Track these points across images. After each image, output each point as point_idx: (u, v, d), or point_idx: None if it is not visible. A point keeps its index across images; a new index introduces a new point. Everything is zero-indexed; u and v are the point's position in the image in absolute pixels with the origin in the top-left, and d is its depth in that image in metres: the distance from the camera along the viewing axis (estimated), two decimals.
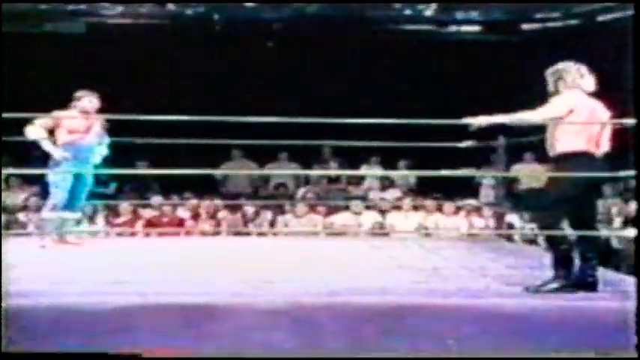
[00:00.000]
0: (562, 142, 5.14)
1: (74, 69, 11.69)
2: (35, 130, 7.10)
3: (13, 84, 6.94)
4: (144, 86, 11.68)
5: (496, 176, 10.00)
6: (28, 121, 6.99)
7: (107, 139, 7.54)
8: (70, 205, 7.35)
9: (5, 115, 5.32)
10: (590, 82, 5.23)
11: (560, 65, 5.27)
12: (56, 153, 7.17)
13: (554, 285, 5.11)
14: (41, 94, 6.95)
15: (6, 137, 6.78)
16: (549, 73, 5.32)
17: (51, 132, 7.27)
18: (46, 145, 7.17)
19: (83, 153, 7.33)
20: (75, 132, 7.30)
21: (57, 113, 7.32)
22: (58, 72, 11.07)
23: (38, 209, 8.65)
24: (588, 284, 5.14)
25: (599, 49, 10.73)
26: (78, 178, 7.34)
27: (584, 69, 5.24)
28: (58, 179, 7.26)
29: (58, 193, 7.27)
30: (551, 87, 5.30)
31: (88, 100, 7.34)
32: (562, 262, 5.16)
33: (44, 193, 7.98)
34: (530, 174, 10.79)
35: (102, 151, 7.53)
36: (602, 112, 5.26)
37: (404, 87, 11.91)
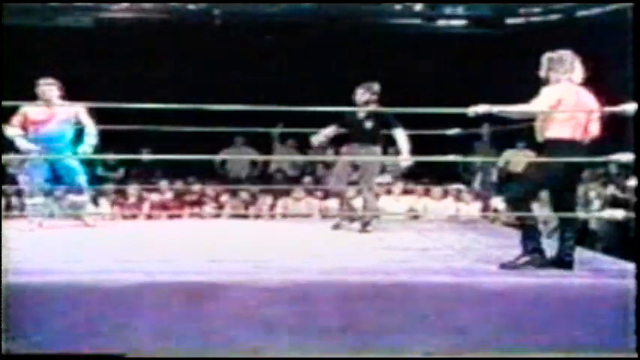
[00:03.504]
0: (549, 130, 5.20)
1: (83, 61, 11.70)
2: (10, 129, 7.15)
3: (25, 76, 6.89)
4: (148, 76, 11.68)
5: (483, 162, 10.02)
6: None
7: (92, 128, 7.33)
8: (68, 190, 7.49)
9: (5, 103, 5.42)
10: (579, 73, 5.27)
11: (556, 55, 5.30)
12: (22, 146, 7.17)
13: (525, 259, 5.19)
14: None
15: None
16: (545, 59, 5.33)
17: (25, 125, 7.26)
18: (17, 141, 7.17)
19: (45, 141, 7.20)
20: (35, 122, 7.21)
21: (23, 108, 7.19)
22: (68, 64, 11.04)
23: None
24: (565, 262, 5.24)
25: (578, 42, 10.75)
26: (53, 165, 7.30)
27: (577, 61, 5.27)
28: (28, 168, 7.37)
29: (28, 181, 7.36)
30: (543, 73, 5.32)
31: (42, 91, 7.20)
32: (529, 237, 5.23)
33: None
34: (518, 159, 10.78)
35: (89, 140, 7.30)
36: (590, 100, 5.29)
37: (393, 78, 11.88)
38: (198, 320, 4.63)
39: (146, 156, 10.47)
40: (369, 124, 7.46)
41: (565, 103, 5.16)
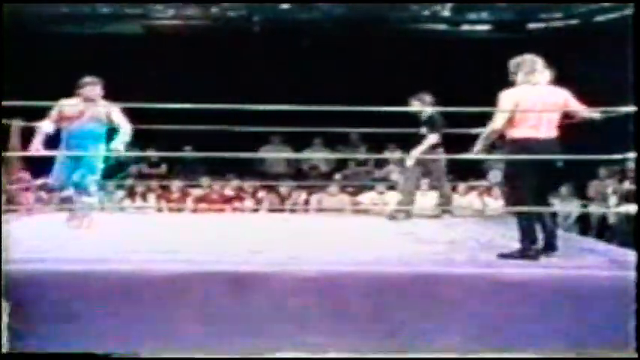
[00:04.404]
0: (509, 131, 5.29)
1: (133, 66, 11.80)
2: (43, 123, 6.83)
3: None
4: (191, 79, 11.75)
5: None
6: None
7: (126, 127, 6.79)
8: (75, 185, 6.86)
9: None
10: (542, 76, 5.38)
11: (518, 59, 5.41)
12: (32, 145, 6.84)
13: (516, 253, 5.26)
14: (105, 89, 6.95)
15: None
16: (510, 65, 5.44)
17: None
18: (36, 135, 6.85)
19: (74, 137, 6.83)
20: (67, 118, 6.87)
21: (60, 101, 6.89)
22: (117, 69, 11.15)
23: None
24: (548, 246, 5.39)
25: (596, 46, 10.67)
26: (77, 161, 6.82)
27: (539, 64, 5.35)
28: (56, 164, 6.96)
29: (52, 176, 7.00)
30: (510, 77, 5.42)
31: (84, 88, 6.87)
32: (525, 232, 5.28)
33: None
34: None
35: (122, 137, 6.76)
36: (550, 99, 5.29)
37: (420, 79, 11.85)
38: (239, 307, 4.67)
39: (190, 153, 10.57)
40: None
41: (522, 104, 5.22)
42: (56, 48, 11.51)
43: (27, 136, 7.17)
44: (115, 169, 7.87)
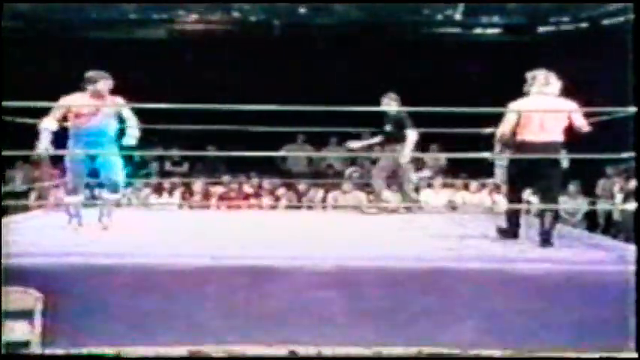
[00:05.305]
0: (517, 136, 5.73)
1: (158, 68, 11.84)
2: (46, 121, 6.06)
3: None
4: (214, 81, 11.76)
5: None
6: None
7: (135, 122, 6.37)
8: (104, 187, 6.37)
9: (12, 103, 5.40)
10: (554, 87, 5.72)
11: (532, 73, 5.80)
12: (38, 145, 6.08)
13: (501, 232, 5.96)
14: (132, 91, 6.93)
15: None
16: (528, 77, 5.82)
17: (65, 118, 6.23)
18: (42, 135, 6.05)
19: (88, 135, 6.16)
20: (80, 115, 6.16)
21: (64, 99, 6.21)
22: (143, 72, 11.20)
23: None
24: (543, 242, 5.59)
25: (603, 48, 10.58)
26: (93, 160, 6.23)
27: (552, 77, 5.73)
28: (68, 165, 6.29)
29: (70, 178, 6.30)
30: (526, 87, 5.81)
31: (102, 83, 6.19)
32: (509, 219, 5.97)
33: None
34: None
35: (134, 132, 6.36)
36: (559, 107, 5.66)
37: (434, 80, 11.82)
38: (258, 300, 4.66)
39: (210, 152, 10.58)
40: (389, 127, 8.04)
41: (525, 113, 5.64)
42: (84, 52, 11.57)
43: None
44: (136, 167, 7.84)
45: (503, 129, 5.75)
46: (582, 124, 5.64)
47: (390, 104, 7.99)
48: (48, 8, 11.59)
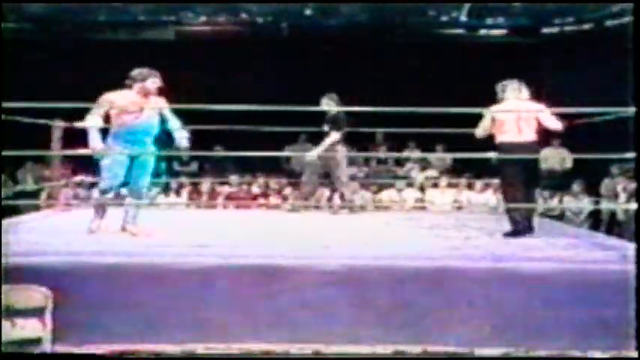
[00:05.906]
0: (496, 137, 6.15)
1: (167, 69, 11.84)
2: (90, 118, 5.82)
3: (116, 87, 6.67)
4: (222, 82, 11.77)
5: None
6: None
7: (178, 123, 6.14)
8: (129, 188, 6.10)
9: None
10: (525, 93, 6.23)
11: (504, 82, 6.30)
12: (91, 143, 5.85)
13: (511, 232, 6.14)
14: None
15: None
16: (498, 88, 6.32)
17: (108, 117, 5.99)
18: (91, 134, 5.84)
19: (136, 134, 5.95)
20: (127, 113, 5.92)
21: (108, 96, 5.96)
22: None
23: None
24: (527, 229, 6.13)
25: (606, 50, 10.56)
26: (134, 160, 6.00)
27: (522, 85, 6.24)
28: (108, 163, 5.95)
29: (107, 177, 5.96)
30: (498, 95, 6.30)
31: (152, 81, 6.04)
32: (512, 218, 6.20)
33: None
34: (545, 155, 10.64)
35: (183, 133, 6.12)
36: (531, 109, 6.09)
37: (440, 82, 11.82)
38: (265, 299, 4.67)
39: (218, 153, 10.59)
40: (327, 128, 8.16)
41: (498, 116, 6.07)
42: (94, 53, 11.62)
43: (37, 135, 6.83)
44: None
45: (478, 131, 6.23)
46: (555, 125, 6.09)
47: (330, 104, 8.06)
48: (59, 10, 11.63)
